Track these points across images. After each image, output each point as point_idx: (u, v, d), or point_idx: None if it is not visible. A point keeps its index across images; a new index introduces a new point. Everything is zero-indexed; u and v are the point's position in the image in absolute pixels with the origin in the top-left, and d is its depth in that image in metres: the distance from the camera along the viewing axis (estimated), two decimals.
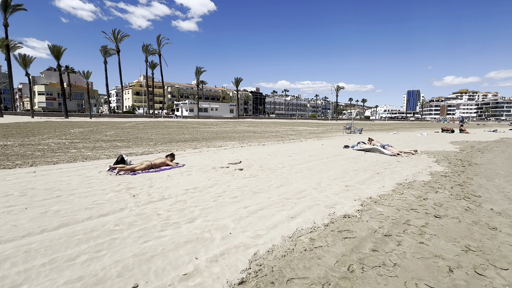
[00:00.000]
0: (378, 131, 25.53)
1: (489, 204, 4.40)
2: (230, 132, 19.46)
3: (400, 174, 6.08)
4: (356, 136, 18.44)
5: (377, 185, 5.05)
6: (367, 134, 21.02)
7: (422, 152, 10.32)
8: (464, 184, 5.59)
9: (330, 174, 5.80)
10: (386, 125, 45.84)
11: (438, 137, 18.68)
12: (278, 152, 9.25)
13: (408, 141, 14.91)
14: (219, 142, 12.42)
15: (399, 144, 13.21)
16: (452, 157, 9.36)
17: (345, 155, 8.69)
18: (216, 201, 3.93)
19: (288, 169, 6.27)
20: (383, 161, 7.75)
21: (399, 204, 4.07)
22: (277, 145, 11.44)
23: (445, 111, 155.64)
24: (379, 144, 10.10)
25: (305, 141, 13.89)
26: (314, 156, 8.23)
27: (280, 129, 24.50)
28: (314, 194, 4.38)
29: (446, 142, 15.11)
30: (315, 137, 16.92)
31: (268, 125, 33.40)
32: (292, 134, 19.11)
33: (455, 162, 8.24)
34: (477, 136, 21.12)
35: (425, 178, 5.90)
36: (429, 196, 4.62)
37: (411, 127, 37.39)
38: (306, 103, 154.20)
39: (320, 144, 12.26)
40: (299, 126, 31.88)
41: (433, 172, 6.59)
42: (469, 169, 7.15)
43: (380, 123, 63.15)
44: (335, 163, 7.09)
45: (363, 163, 7.30)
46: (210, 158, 7.75)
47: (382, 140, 15.00)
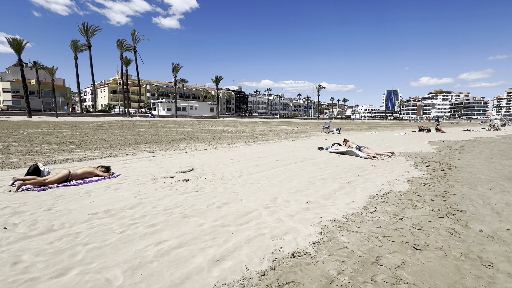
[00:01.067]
0: (357, 131, 25.19)
1: (477, 222, 3.60)
2: (203, 132, 18.24)
3: (375, 183, 5.23)
4: (334, 136, 17.81)
5: (346, 200, 4.14)
6: (345, 134, 20.51)
7: (400, 153, 9.68)
8: (446, 194, 4.82)
9: (292, 185, 4.84)
10: (365, 124, 46.17)
11: (415, 137, 18.42)
12: (244, 156, 8.23)
13: (386, 141, 14.39)
14: (184, 144, 11.23)
15: (376, 145, 12.60)
16: (430, 159, 8.74)
17: (317, 158, 7.81)
18: (123, 233, 2.84)
19: (245, 178, 5.25)
20: (357, 165, 6.93)
21: (370, 229, 3.16)
22: (246, 147, 10.42)
23: (422, 110, 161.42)
24: (354, 146, 9.34)
25: (279, 142, 12.98)
26: (282, 161, 7.28)
27: (258, 129, 23.54)
28: (264, 216, 3.38)
29: (423, 142, 14.73)
30: (292, 137, 16.08)
31: (246, 124, 32.36)
32: (269, 134, 18.19)
33: (433, 165, 7.58)
34: (452, 135, 21.18)
35: (402, 187, 5.08)
36: (406, 213, 3.76)
37: (390, 127, 37.69)
38: (288, 102, 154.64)
39: (294, 145, 11.38)
40: (279, 126, 31.08)
41: (410, 178, 5.81)
42: (449, 174, 6.47)
43: (360, 122, 63.88)
44: (302, 170, 6.16)
45: (335, 168, 6.43)
46: (159, 164, 6.60)
47: (360, 141, 14.40)
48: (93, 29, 50.85)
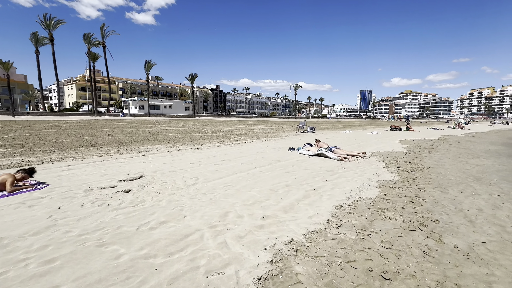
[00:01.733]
0: (332, 130, 25.27)
1: (451, 234, 3.21)
2: (172, 132, 17.22)
3: (343, 189, 4.77)
4: (309, 135, 17.55)
5: (309, 212, 3.60)
6: (320, 133, 20.38)
7: (372, 153, 9.44)
8: (417, 200, 4.45)
9: (251, 194, 4.23)
10: (340, 123, 46.97)
11: (388, 136, 18.65)
12: (208, 159, 7.52)
13: (359, 141, 14.30)
14: (145, 145, 10.28)
15: (349, 144, 12.40)
16: (401, 159, 8.57)
17: (285, 161, 7.29)
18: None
19: (198, 187, 4.57)
20: (327, 168, 6.48)
21: (332, 251, 2.62)
22: (213, 149, 9.71)
23: (393, 109, 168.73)
24: (326, 146, 8.95)
25: (251, 142, 12.38)
26: (247, 164, 6.67)
27: (232, 128, 22.82)
28: (205, 240, 2.73)
29: (395, 141, 14.83)
30: (265, 137, 15.56)
31: (222, 123, 31.50)
32: (242, 134, 17.55)
33: (404, 166, 7.35)
34: (421, 134, 21.79)
35: (372, 192, 4.66)
36: (375, 226, 3.29)
37: (363, 125, 38.52)
38: (267, 101, 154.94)
39: (265, 146, 10.83)
40: (255, 125, 30.54)
41: (381, 182, 5.44)
42: (419, 176, 6.21)
43: (336, 121, 65.10)
44: (267, 175, 5.58)
45: (302, 172, 5.92)
46: (105, 171, 5.73)
47: (333, 140, 14.20)
48: (56, 21, 47.15)
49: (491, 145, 14.75)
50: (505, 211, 4.19)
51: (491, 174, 7.04)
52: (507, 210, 4.24)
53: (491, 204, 4.46)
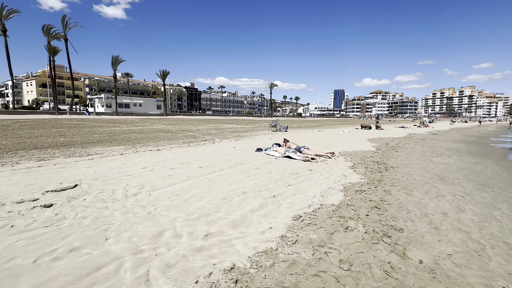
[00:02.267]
0: (305, 128, 25.32)
1: (416, 246, 2.90)
2: (136, 132, 16.10)
3: (306, 195, 4.37)
4: (281, 134, 17.28)
5: (262, 225, 3.14)
6: (293, 132, 20.24)
7: (340, 153, 9.27)
8: (382, 204, 4.17)
9: (200, 205, 3.68)
10: (314, 122, 47.64)
11: (358, 134, 18.92)
12: (164, 162, 6.84)
13: (330, 140, 14.24)
14: (99, 147, 9.30)
15: (319, 144, 12.23)
16: (369, 158, 8.46)
17: (249, 163, 6.82)
18: None
19: (140, 198, 3.93)
20: (292, 171, 6.10)
21: (280, 280, 2.16)
22: (176, 150, 9.00)
23: (365, 108, 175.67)
24: (294, 147, 8.61)
25: (219, 142, 11.79)
26: (206, 168, 6.09)
27: (203, 127, 22.00)
28: (121, 273, 2.14)
29: (364, 139, 14.97)
30: (236, 136, 15.02)
31: (194, 122, 30.45)
32: (212, 133, 16.86)
33: (371, 166, 7.18)
34: (390, 132, 22.47)
35: (336, 198, 4.31)
36: (335, 240, 2.89)
37: (336, 124, 39.31)
38: (243, 99, 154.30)
39: (232, 146, 10.29)
40: (228, 124, 29.86)
41: (347, 185, 5.14)
42: (386, 176, 6.02)
43: (310, 120, 66.14)
44: (225, 180, 5.06)
45: (265, 176, 5.47)
46: (35, 179, 4.87)
47: (305, 139, 14.01)
48: (9, 11, 42.84)
49: (452, 143, 15.42)
50: (468, 214, 4.03)
51: (453, 172, 7.08)
52: (471, 213, 4.08)
53: (455, 207, 4.29)
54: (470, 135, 24.10)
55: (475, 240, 3.17)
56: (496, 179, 6.64)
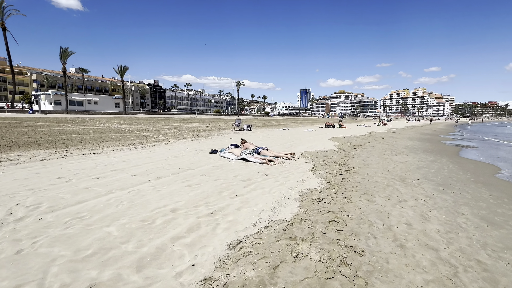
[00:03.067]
0: (270, 127, 24.88)
1: (380, 279, 2.27)
2: (79, 132, 14.22)
3: (253, 208, 3.62)
4: (244, 133, 16.52)
5: (184, 262, 2.29)
6: (257, 131, 19.60)
7: (302, 154, 8.75)
8: (341, 216, 3.57)
9: (106, 232, 2.72)
10: (280, 121, 47.77)
11: (322, 133, 18.87)
12: (92, 169, 5.65)
13: (293, 139, 13.80)
14: (19, 151, 7.69)
15: (282, 143, 11.68)
16: (331, 158, 8.03)
17: (196, 168, 5.91)
18: None
19: (25, 223, 2.84)
20: (244, 176, 5.33)
21: None
22: (116, 154, 7.76)
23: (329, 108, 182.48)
24: (252, 148, 7.88)
25: (173, 143, 10.66)
26: (140, 176, 5.07)
27: (161, 127, 20.44)
28: None
29: (327, 138, 14.80)
30: (194, 136, 13.93)
31: (153, 121, 28.46)
32: (169, 133, 15.55)
33: (332, 168, 6.70)
34: (352, 130, 22.92)
35: (290, 211, 3.62)
36: (278, 279, 2.15)
37: (301, 123, 39.68)
38: (210, 98, 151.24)
39: (185, 148, 9.27)
40: (190, 123, 28.38)
41: (304, 192, 4.50)
42: (347, 180, 5.53)
43: (277, 119, 66.49)
44: (157, 192, 4.11)
45: (209, 185, 4.62)
46: None
47: (268, 138, 13.40)
48: None
49: (409, 141, 15.94)
50: (433, 223, 3.59)
51: (413, 172, 6.89)
52: (436, 221, 3.65)
53: (419, 214, 3.85)
54: (423, 132, 25.53)
55: (445, 260, 2.65)
56: (453, 178, 6.54)
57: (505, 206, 4.67)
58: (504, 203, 4.86)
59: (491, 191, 5.60)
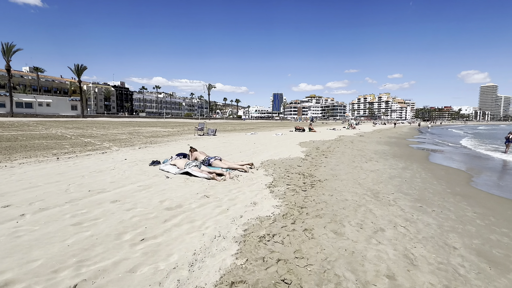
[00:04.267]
0: (239, 131, 23.62)
1: None
2: (3, 139, 11.87)
3: (160, 265, 2.30)
4: (207, 139, 15.08)
5: None
6: (222, 135, 18.21)
7: (263, 163, 7.58)
8: (295, 268, 2.39)
9: None
10: (251, 124, 46.75)
11: (291, 137, 18.00)
12: None
13: (258, 145, 12.65)
14: None
15: (244, 151, 10.46)
16: (295, 169, 6.95)
17: (116, 189, 4.44)
18: None
19: None
20: (174, 201, 3.98)
21: None
22: (22, 168, 5.99)
23: (301, 112, 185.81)
24: (203, 157, 6.54)
25: (113, 152, 8.96)
26: (21, 206, 3.53)
27: (115, 132, 18.29)
28: None
29: (295, 143, 13.87)
30: (147, 142, 12.23)
31: (109, 125, 25.87)
32: (119, 139, 13.64)
33: (295, 181, 5.58)
34: (321, 134, 22.41)
35: (219, 265, 2.36)
36: None
37: (272, 126, 38.94)
38: (181, 101, 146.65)
39: (123, 158, 7.67)
40: (151, 127, 26.21)
41: (251, 225, 3.27)
42: (310, 200, 4.41)
43: (248, 122, 65.50)
44: (14, 240, 2.64)
45: (114, 219, 3.21)
46: None
47: (230, 145, 12.06)
48: None
49: (378, 145, 15.58)
50: (423, 269, 2.55)
51: (386, 183, 6.01)
52: (425, 265, 2.62)
53: (402, 254, 2.80)
54: (390, 136, 25.83)
55: None
56: (428, 190, 5.74)
57: (496, 229, 3.83)
58: (493, 224, 4.04)
59: (473, 207, 4.82)
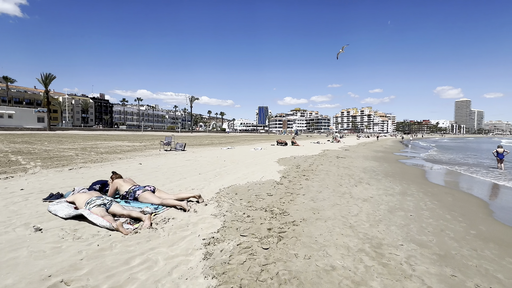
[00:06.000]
0: (215, 145, 21.56)
1: None
2: None
3: None
4: (171, 155, 12.96)
5: None
6: (194, 150, 16.08)
7: (222, 191, 5.62)
8: None
9: None
10: (233, 138, 44.81)
11: (270, 152, 16.16)
12: None
13: (228, 162, 10.69)
14: None
15: (206, 171, 8.46)
16: (262, 201, 5.02)
17: None
18: None
19: None
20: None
21: None
22: None
23: (286, 125, 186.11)
24: (128, 187, 4.50)
25: (31, 174, 6.72)
26: None
27: (62, 147, 15.79)
28: None
29: (274, 160, 12.00)
30: (95, 160, 9.99)
31: (68, 139, 23.13)
32: (58, 156, 11.29)
33: (256, 227, 3.65)
34: (305, 148, 20.77)
35: None
36: None
37: (254, 140, 37.14)
38: (164, 114, 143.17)
39: (20, 188, 5.48)
40: (118, 141, 23.68)
41: None
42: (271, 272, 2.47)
43: (232, 135, 63.59)
44: None
45: None
46: None
47: (193, 163, 9.83)
48: None
49: (365, 161, 14.02)
50: None
51: (387, 224, 4.16)
52: None
53: None
54: (376, 150, 24.60)
55: None
56: (446, 232, 3.97)
57: None
58: None
59: None
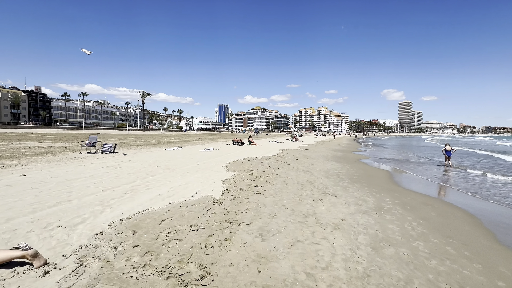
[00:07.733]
0: (162, 145, 18.69)
1: None
2: None
3: None
4: (87, 160, 10.12)
5: None
6: (131, 151, 13.23)
7: (112, 227, 3.42)
8: None
9: None
10: (189, 137, 41.64)
11: (223, 153, 14.05)
12: None
13: (162, 169, 8.36)
14: None
15: (111, 187, 6.09)
16: (170, 251, 2.96)
17: None
18: None
19: None
20: None
21: None
22: None
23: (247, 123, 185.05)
24: None
25: None
26: None
27: None
28: None
29: (222, 165, 9.93)
30: None
31: None
32: None
33: None
34: (262, 148, 19.09)
35: None
36: None
37: (211, 139, 34.62)
38: (115, 110, 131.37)
39: None
40: (35, 141, 19.39)
41: None
42: None
43: (188, 134, 59.89)
44: None
45: None
46: None
47: (100, 177, 7.19)
48: None
49: (326, 162, 12.77)
50: None
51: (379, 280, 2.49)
52: None
53: None
54: (335, 149, 24.03)
55: None
56: (455, 277, 2.37)
57: None
58: None
59: None
